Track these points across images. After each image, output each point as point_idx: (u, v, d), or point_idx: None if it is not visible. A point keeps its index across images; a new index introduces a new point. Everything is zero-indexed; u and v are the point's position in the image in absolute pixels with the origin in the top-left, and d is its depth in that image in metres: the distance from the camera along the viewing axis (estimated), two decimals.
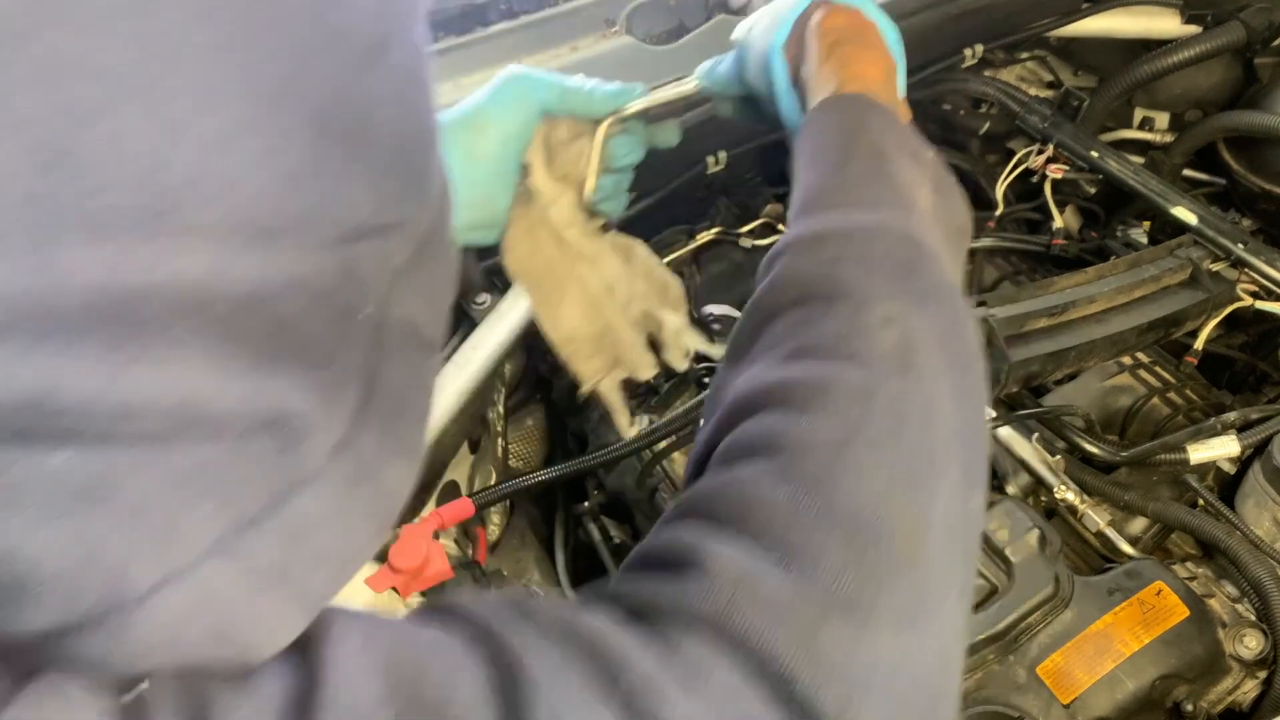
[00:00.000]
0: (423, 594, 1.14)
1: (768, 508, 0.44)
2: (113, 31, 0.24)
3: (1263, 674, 0.96)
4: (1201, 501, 1.09)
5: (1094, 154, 1.48)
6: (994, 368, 1.03)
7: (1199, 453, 1.09)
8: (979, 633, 0.96)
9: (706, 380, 1.26)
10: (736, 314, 1.10)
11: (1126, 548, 1.06)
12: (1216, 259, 1.28)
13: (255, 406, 0.29)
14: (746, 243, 1.55)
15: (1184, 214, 1.33)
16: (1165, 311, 1.14)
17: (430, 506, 1.18)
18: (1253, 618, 0.99)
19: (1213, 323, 1.33)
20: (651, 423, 1.39)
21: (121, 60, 0.24)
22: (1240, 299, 1.28)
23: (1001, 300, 1.12)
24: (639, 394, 1.48)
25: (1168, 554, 1.12)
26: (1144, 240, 1.55)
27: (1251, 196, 1.55)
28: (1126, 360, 1.32)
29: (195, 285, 0.26)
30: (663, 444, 1.24)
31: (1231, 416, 1.15)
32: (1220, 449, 1.09)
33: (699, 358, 1.41)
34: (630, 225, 1.58)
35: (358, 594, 1.04)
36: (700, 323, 1.12)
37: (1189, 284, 1.19)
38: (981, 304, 1.10)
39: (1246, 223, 1.62)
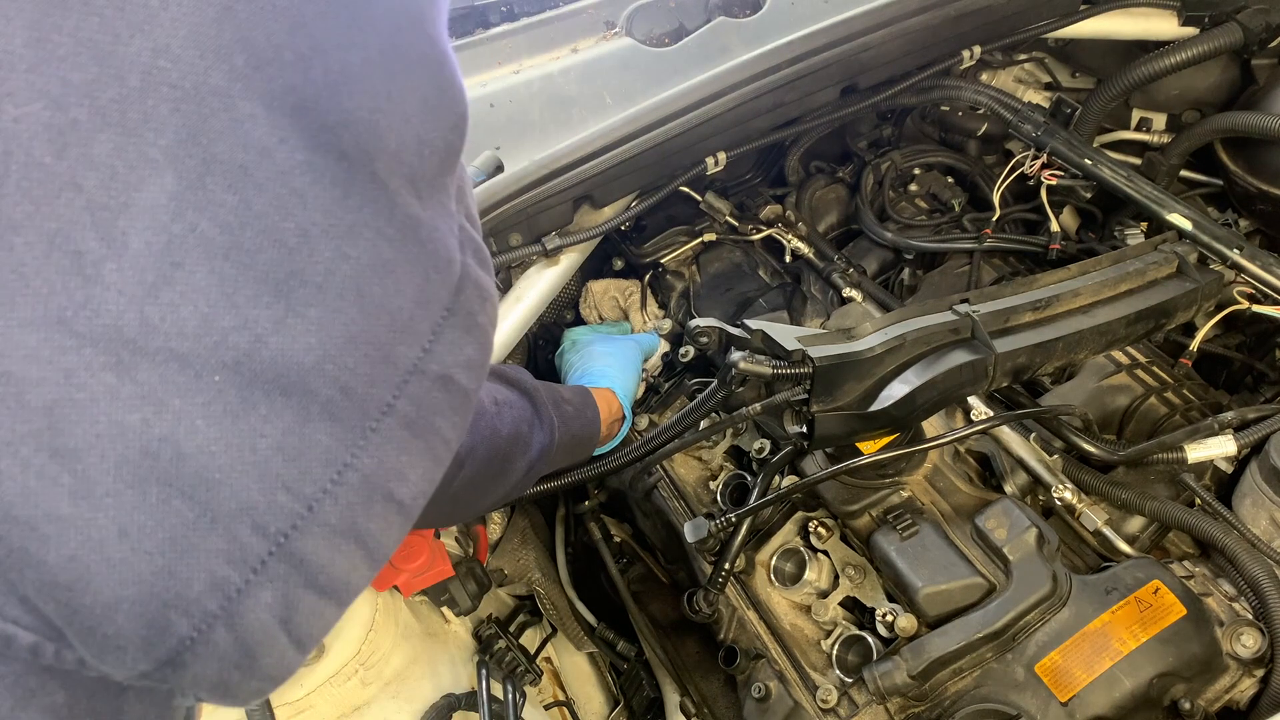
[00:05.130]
0: (423, 592, 1.15)
1: None
2: None
3: (1260, 672, 0.97)
4: (1199, 500, 1.10)
5: (1087, 161, 1.48)
6: (980, 360, 1.04)
7: (1196, 452, 1.09)
8: (977, 631, 0.97)
9: (698, 393, 1.28)
10: (724, 326, 1.11)
11: (1124, 546, 1.06)
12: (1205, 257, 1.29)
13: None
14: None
15: (1179, 220, 1.34)
16: (1152, 302, 1.14)
17: None
18: (1250, 616, 0.99)
19: (1210, 323, 1.33)
20: (651, 423, 1.39)
21: None
22: (1233, 298, 1.28)
23: (984, 297, 1.12)
24: (640, 394, 1.48)
25: (1165, 553, 1.13)
26: (1141, 241, 1.56)
27: (1249, 197, 1.56)
28: (1124, 360, 1.33)
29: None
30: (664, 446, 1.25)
31: (1229, 416, 1.15)
32: (1217, 448, 1.09)
33: (693, 375, 1.43)
34: (630, 225, 1.59)
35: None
36: (689, 334, 1.13)
37: (1176, 276, 1.20)
38: (964, 301, 1.10)
39: (1244, 223, 1.63)
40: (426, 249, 0.39)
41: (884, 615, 1.05)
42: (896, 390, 1.02)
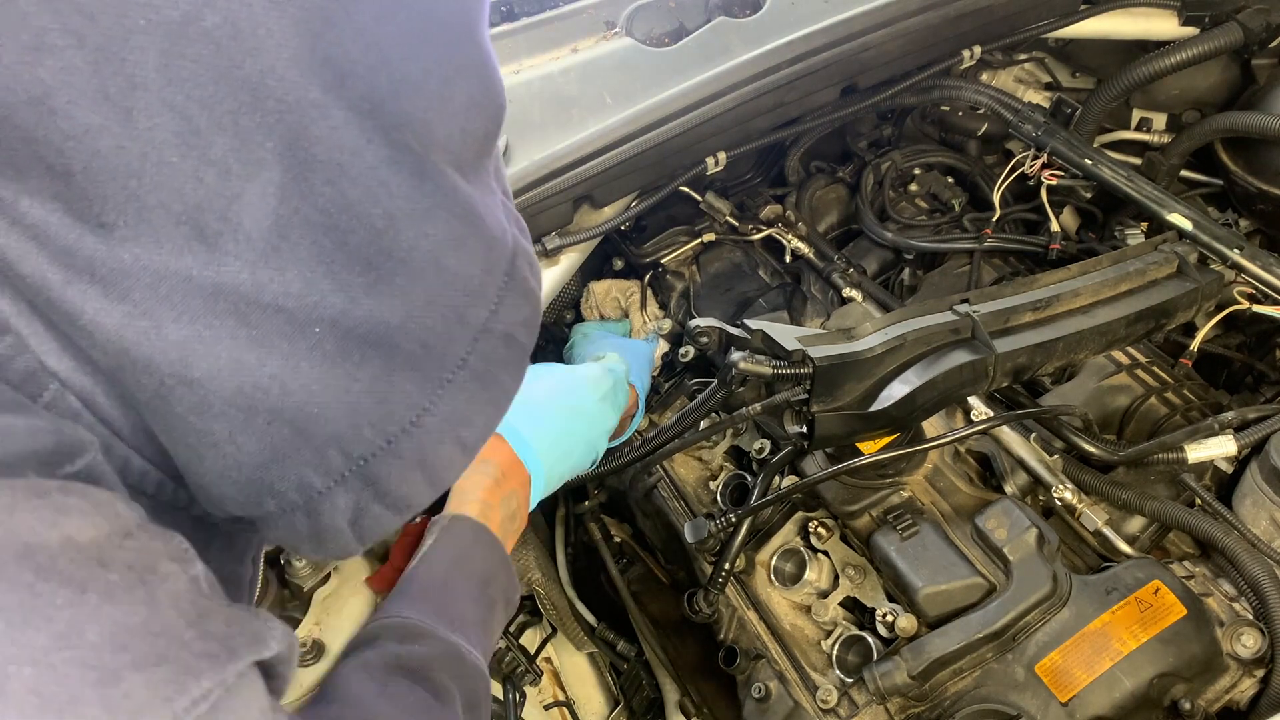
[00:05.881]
0: None
1: None
2: None
3: (1260, 672, 0.97)
4: (1199, 501, 1.10)
5: (1087, 161, 1.48)
6: (981, 360, 1.04)
7: (1197, 452, 1.09)
8: (977, 631, 0.97)
9: (698, 393, 1.28)
10: (724, 326, 1.11)
11: (1124, 547, 1.06)
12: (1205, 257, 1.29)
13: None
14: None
15: (1179, 220, 1.34)
16: (1152, 302, 1.14)
17: None
18: (1250, 616, 0.99)
19: (1210, 323, 1.33)
20: (652, 423, 1.39)
21: None
22: (1233, 298, 1.28)
23: (984, 297, 1.12)
24: None
25: (1165, 553, 1.13)
26: (1141, 241, 1.56)
27: (1249, 197, 1.56)
28: (1124, 360, 1.33)
29: None
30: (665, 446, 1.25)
31: (1229, 416, 1.15)
32: (1218, 449, 1.09)
33: (693, 375, 1.43)
34: (630, 225, 1.59)
35: (360, 592, 1.04)
36: (689, 334, 1.13)
37: (1176, 276, 1.20)
38: (964, 301, 1.11)
39: (1244, 223, 1.63)
40: (486, 224, 0.46)
41: (884, 615, 1.04)
42: (896, 390, 1.02)
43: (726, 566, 1.14)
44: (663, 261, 1.58)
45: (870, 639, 1.05)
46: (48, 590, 0.33)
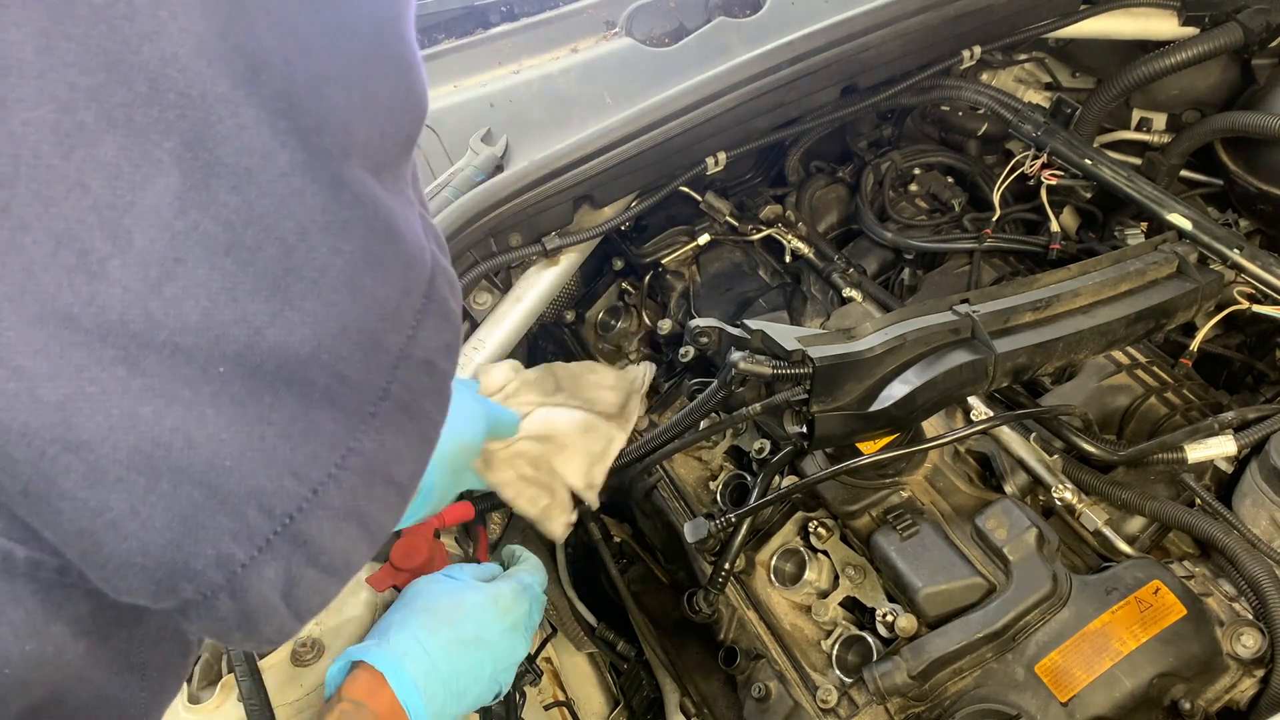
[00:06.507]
0: None
1: None
2: None
3: (1260, 672, 0.97)
4: (1199, 500, 1.10)
5: (1087, 161, 1.48)
6: (981, 360, 1.04)
7: (1196, 452, 1.09)
8: (977, 631, 0.97)
9: (698, 393, 1.27)
10: (724, 326, 1.11)
11: (1124, 547, 1.06)
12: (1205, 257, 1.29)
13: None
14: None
15: (1179, 220, 1.34)
16: (1152, 302, 1.14)
17: None
18: (1250, 616, 0.99)
19: (1210, 323, 1.33)
20: (652, 423, 1.39)
21: None
22: (1233, 298, 1.28)
23: (984, 297, 1.12)
24: None
25: (1165, 553, 1.13)
26: (1141, 241, 1.56)
27: (1249, 197, 1.56)
28: (1124, 360, 1.33)
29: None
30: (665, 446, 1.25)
31: (1229, 416, 1.15)
32: (1217, 448, 1.09)
33: (693, 375, 1.42)
34: (630, 225, 1.59)
35: (359, 592, 1.04)
36: (689, 334, 1.13)
37: (1176, 276, 1.20)
38: (964, 301, 1.11)
39: (1244, 223, 1.63)
40: (405, 239, 0.42)
41: (884, 615, 1.04)
42: (896, 390, 1.02)
43: (726, 566, 1.14)
44: (662, 261, 1.58)
45: (870, 639, 1.05)
46: None
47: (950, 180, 1.72)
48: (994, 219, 1.58)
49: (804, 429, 1.03)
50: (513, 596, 1.01)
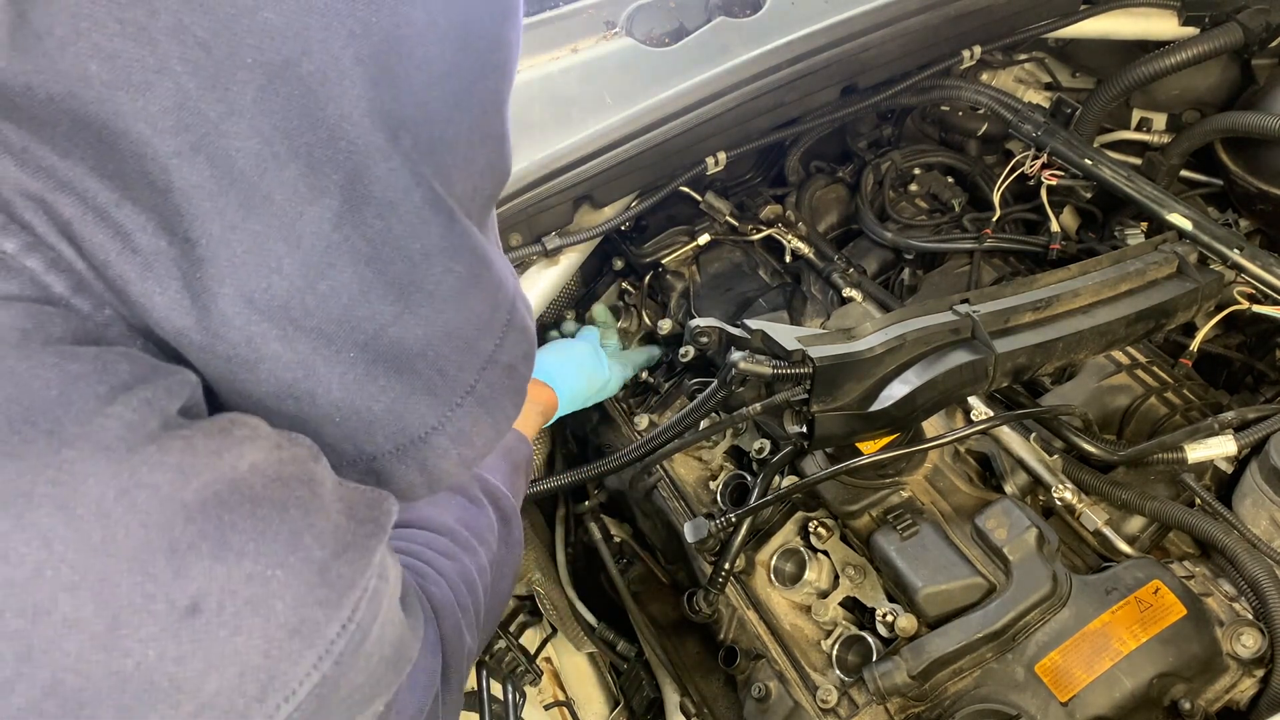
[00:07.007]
0: None
1: None
2: None
3: (1260, 672, 0.97)
4: (1199, 500, 1.10)
5: (1087, 161, 1.48)
6: (981, 360, 1.04)
7: (1196, 452, 1.09)
8: (977, 631, 0.97)
9: (698, 393, 1.28)
10: (724, 326, 1.11)
11: (1124, 547, 1.06)
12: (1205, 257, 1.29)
13: None
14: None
15: (1179, 220, 1.34)
16: (1152, 302, 1.14)
17: None
18: (1250, 616, 0.99)
19: (1210, 324, 1.33)
20: (652, 423, 1.39)
21: None
22: (1233, 298, 1.28)
23: (984, 297, 1.12)
24: (639, 394, 1.48)
25: (1165, 553, 1.13)
26: (1141, 241, 1.56)
27: (1249, 197, 1.56)
28: (1124, 360, 1.33)
29: None
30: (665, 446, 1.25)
31: (1229, 416, 1.15)
32: (1218, 448, 1.09)
33: (693, 375, 1.43)
34: (630, 225, 1.59)
35: None
36: (689, 334, 1.13)
37: (1176, 276, 1.20)
38: (964, 301, 1.11)
39: (1244, 223, 1.63)
40: (496, 267, 0.53)
41: (884, 615, 1.05)
42: (897, 390, 1.02)
43: (726, 566, 1.14)
44: (663, 261, 1.58)
45: (870, 639, 1.05)
46: (264, 514, 0.43)
47: (950, 180, 1.72)
48: (994, 219, 1.58)
49: (804, 429, 1.03)
50: (582, 343, 1.40)
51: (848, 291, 1.46)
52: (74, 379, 0.39)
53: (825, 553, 1.15)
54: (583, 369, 1.35)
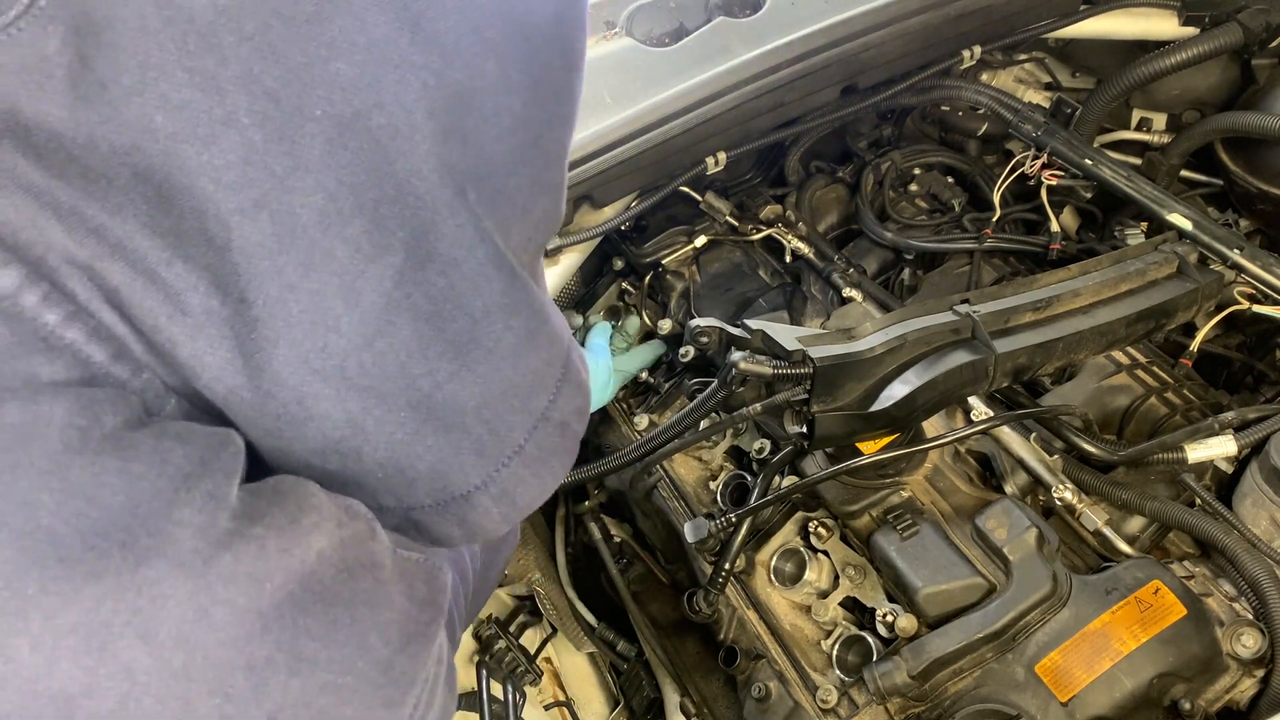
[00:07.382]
0: None
1: None
2: None
3: (1260, 672, 0.97)
4: (1199, 501, 1.10)
5: (1088, 161, 1.48)
6: (981, 360, 1.04)
7: (1196, 452, 1.09)
8: (977, 631, 0.97)
9: (698, 393, 1.27)
10: (724, 326, 1.11)
11: (1124, 547, 1.06)
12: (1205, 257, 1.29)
13: None
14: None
15: (1179, 220, 1.34)
16: (1152, 302, 1.14)
17: None
18: (1250, 616, 0.99)
19: (1210, 324, 1.33)
20: (652, 423, 1.39)
21: None
22: (1233, 298, 1.28)
23: (984, 297, 1.12)
24: (639, 394, 1.48)
25: (1165, 553, 1.13)
26: (1141, 241, 1.56)
27: (1249, 197, 1.56)
28: (1124, 360, 1.33)
29: None
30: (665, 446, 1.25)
31: (1229, 416, 1.15)
32: (1218, 448, 1.09)
33: (693, 375, 1.42)
34: (630, 225, 1.59)
35: None
36: (689, 334, 1.13)
37: (1176, 276, 1.20)
38: (964, 301, 1.11)
39: (1244, 223, 1.62)
40: (552, 320, 0.52)
41: (884, 615, 1.04)
42: (897, 390, 1.02)
43: (726, 566, 1.14)
44: (663, 261, 1.58)
45: (870, 639, 1.05)
46: (335, 615, 0.43)
47: (950, 180, 1.72)
48: (994, 219, 1.58)
49: (804, 429, 1.03)
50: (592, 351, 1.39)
51: (848, 291, 1.46)
52: (137, 479, 0.38)
53: (825, 553, 1.15)
54: (596, 374, 1.33)
